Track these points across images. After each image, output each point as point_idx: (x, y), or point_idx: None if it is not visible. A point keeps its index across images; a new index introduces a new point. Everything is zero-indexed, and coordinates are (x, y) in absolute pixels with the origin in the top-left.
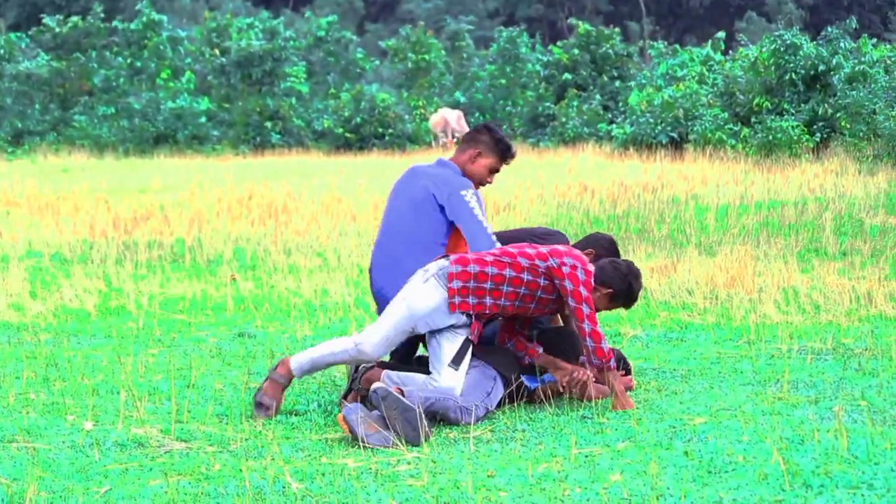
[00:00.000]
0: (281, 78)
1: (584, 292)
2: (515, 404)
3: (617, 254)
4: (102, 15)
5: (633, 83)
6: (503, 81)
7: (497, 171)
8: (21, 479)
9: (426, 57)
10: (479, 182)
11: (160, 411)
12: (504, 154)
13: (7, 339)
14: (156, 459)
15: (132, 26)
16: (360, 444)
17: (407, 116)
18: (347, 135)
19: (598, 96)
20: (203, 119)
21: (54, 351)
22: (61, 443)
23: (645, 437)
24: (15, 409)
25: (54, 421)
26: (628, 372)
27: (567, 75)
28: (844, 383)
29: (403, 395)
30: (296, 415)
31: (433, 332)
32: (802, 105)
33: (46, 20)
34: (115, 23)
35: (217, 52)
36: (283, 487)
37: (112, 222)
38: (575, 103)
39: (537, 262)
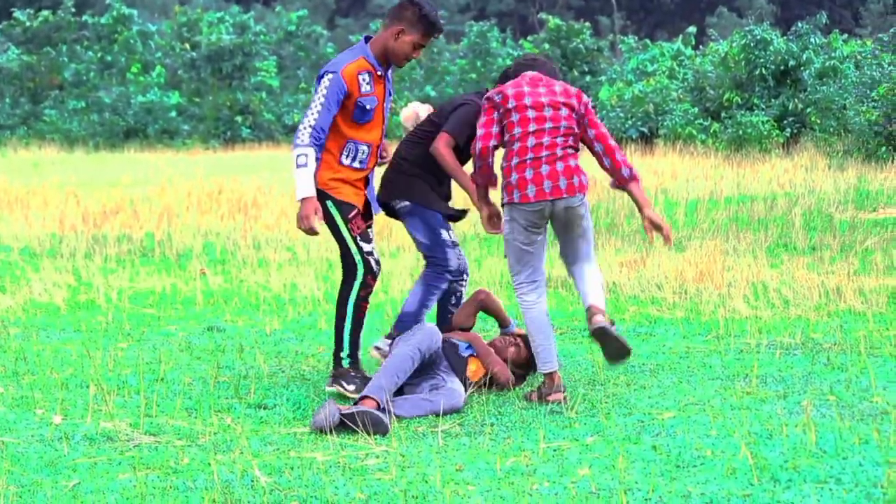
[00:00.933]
0: (251, 72)
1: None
2: (484, 398)
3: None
4: (73, 9)
5: (603, 78)
6: (474, 76)
7: (422, 46)
8: None
9: None
10: (405, 58)
11: (129, 405)
12: (428, 30)
13: None
14: (125, 453)
15: (102, 20)
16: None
17: None
18: None
19: None
20: (173, 113)
21: (23, 345)
22: (30, 437)
23: (613, 432)
24: None
25: (23, 415)
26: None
27: None
28: (813, 378)
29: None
30: (265, 409)
31: None
32: (773, 100)
33: (17, 14)
34: (85, 17)
35: (187, 46)
36: (252, 481)
37: (82, 216)
38: None
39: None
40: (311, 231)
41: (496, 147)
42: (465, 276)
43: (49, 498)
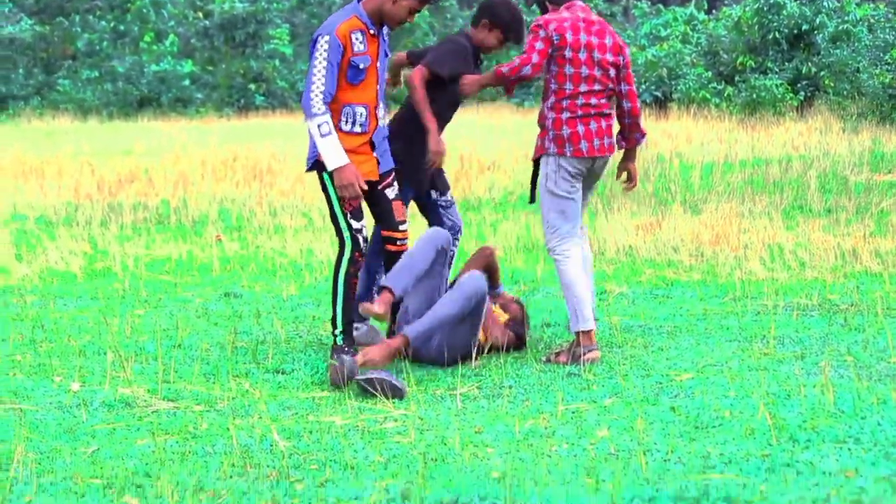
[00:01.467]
0: (264, 40)
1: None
2: (502, 360)
3: (517, 20)
4: None
5: None
6: None
7: (417, 11)
8: (8, 440)
9: None
10: (399, 22)
11: (147, 371)
12: None
13: None
14: (143, 419)
15: None
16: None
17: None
18: None
19: None
20: (187, 82)
21: (41, 313)
22: (48, 404)
23: (631, 393)
24: (2, 370)
25: (41, 382)
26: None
27: None
28: (830, 339)
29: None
30: (282, 374)
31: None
32: (786, 64)
33: None
34: None
35: (200, 14)
36: (271, 445)
37: (97, 185)
38: None
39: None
40: (359, 196)
41: (531, 77)
42: (458, 234)
43: (68, 464)
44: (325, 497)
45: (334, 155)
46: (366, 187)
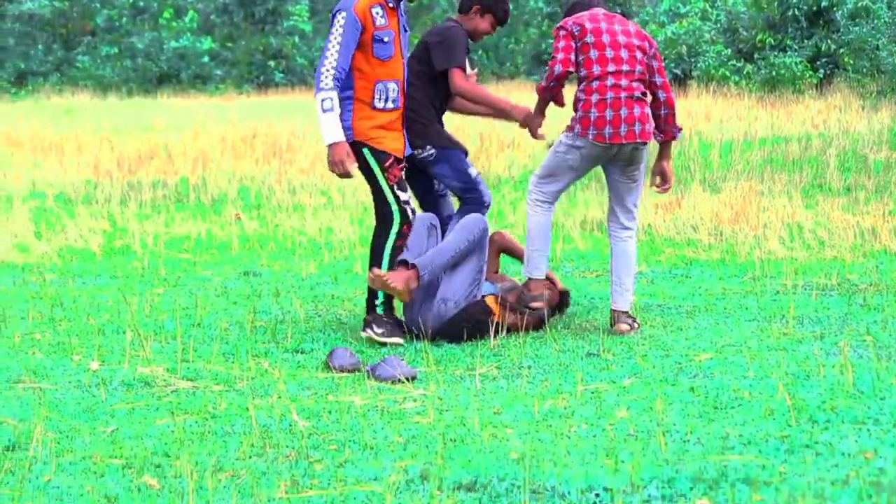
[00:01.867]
0: (284, 17)
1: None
2: (521, 341)
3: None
4: None
5: (636, 20)
6: None
7: None
8: (28, 419)
9: None
10: None
11: (166, 350)
12: None
13: (12, 280)
14: (162, 399)
15: None
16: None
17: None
18: None
19: None
20: (206, 58)
21: (60, 291)
22: (67, 383)
23: (651, 374)
24: (21, 349)
25: (60, 361)
26: (565, 302)
27: None
28: (850, 319)
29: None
30: (302, 353)
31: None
32: (805, 41)
33: None
34: None
35: None
36: (290, 425)
37: (116, 162)
38: None
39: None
40: (346, 175)
41: (570, 73)
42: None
43: (87, 443)
44: (344, 477)
45: (332, 131)
46: (356, 164)
